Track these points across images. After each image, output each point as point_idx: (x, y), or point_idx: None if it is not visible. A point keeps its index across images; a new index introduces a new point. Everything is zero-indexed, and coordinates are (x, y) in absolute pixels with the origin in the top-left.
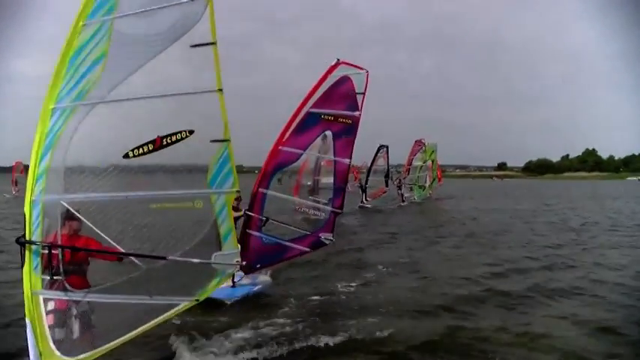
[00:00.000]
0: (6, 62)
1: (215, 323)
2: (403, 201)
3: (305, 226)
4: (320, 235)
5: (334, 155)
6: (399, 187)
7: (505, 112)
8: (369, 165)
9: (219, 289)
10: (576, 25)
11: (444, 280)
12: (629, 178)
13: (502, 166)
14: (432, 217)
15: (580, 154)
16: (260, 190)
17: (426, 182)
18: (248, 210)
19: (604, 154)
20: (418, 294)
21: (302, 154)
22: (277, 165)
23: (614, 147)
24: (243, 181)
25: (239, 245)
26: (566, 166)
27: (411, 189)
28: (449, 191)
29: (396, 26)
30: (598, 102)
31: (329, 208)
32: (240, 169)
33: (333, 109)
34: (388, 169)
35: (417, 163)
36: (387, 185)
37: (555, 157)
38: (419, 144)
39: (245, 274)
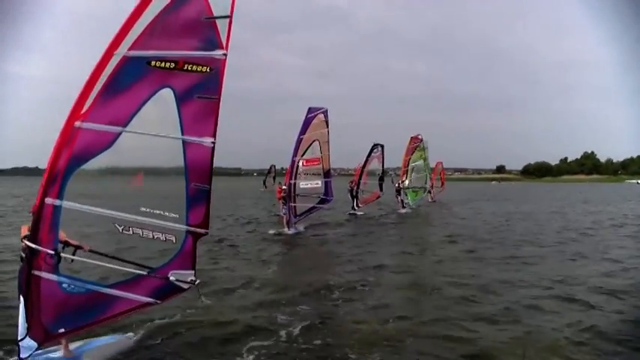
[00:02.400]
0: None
1: None
2: (403, 207)
3: (146, 257)
4: (169, 273)
5: (181, 132)
6: (398, 192)
7: (504, 116)
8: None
9: None
10: (572, 33)
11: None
12: (627, 181)
13: (501, 169)
14: (445, 227)
15: (578, 157)
16: (48, 201)
17: (425, 184)
18: (30, 239)
19: (602, 158)
20: None
21: (120, 134)
22: (75, 156)
23: (612, 150)
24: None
25: None
26: (564, 169)
27: (406, 194)
28: (451, 195)
29: (392, 32)
30: (596, 106)
31: (182, 226)
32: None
33: (173, 48)
34: (383, 172)
35: (414, 163)
36: (381, 189)
37: (554, 160)
38: (415, 141)
39: (40, 343)
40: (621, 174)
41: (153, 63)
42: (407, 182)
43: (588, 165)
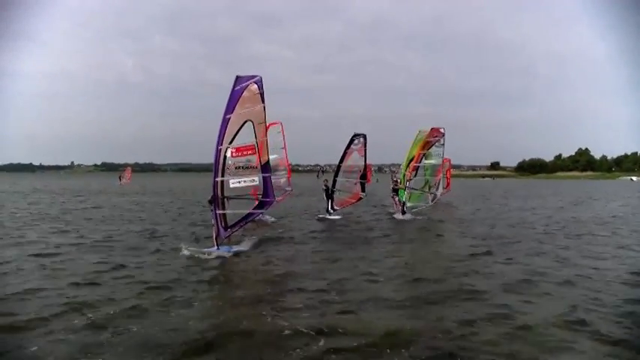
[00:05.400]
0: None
1: None
2: (403, 212)
3: None
4: None
5: None
6: (396, 192)
7: (497, 111)
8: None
9: None
10: (567, 28)
11: None
12: (621, 178)
13: (495, 166)
14: (464, 238)
15: (573, 153)
16: None
17: (424, 187)
18: None
19: (596, 154)
20: None
21: None
22: None
23: (606, 147)
24: None
25: None
26: (558, 165)
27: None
28: (454, 193)
29: (387, 24)
30: (591, 103)
31: None
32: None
33: None
34: (365, 167)
35: (430, 160)
36: (363, 190)
37: (548, 157)
38: (436, 134)
39: None
40: (615, 171)
41: None
42: (413, 182)
43: (582, 161)
